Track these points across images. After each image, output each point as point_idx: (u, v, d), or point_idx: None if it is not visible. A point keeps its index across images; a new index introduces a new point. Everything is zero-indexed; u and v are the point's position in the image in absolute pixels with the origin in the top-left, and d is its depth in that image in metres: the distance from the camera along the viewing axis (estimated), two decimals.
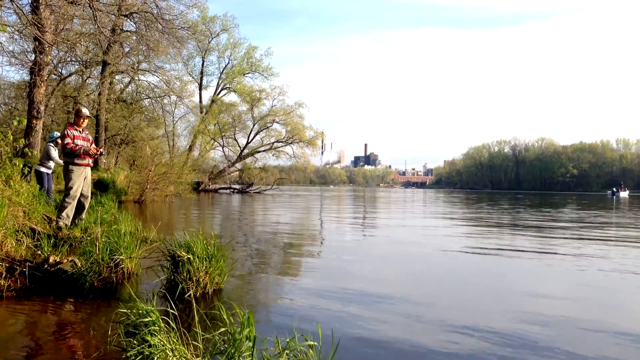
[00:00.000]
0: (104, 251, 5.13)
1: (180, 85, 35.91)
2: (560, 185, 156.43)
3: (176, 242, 5.10)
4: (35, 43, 14.73)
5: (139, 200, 22.25)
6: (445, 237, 11.53)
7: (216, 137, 48.71)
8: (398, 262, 7.70)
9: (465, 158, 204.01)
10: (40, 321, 4.12)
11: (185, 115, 44.98)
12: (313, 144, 51.12)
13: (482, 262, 7.75)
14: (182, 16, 23.72)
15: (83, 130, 8.52)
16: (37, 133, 14.14)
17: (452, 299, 5.24)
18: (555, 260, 7.92)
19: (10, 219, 5.93)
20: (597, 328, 4.28)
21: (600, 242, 10.76)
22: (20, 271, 4.86)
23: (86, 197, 8.48)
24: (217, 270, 5.04)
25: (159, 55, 27.23)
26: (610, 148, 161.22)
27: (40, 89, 14.62)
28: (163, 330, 3.15)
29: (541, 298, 5.36)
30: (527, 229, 13.48)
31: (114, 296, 4.82)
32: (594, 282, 6.24)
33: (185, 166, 33.57)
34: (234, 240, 9.53)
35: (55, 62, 26.31)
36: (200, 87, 48.38)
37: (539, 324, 4.31)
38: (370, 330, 4.02)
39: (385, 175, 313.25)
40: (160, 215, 15.76)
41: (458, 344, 3.77)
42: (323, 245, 9.69)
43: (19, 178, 8.85)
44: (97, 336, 3.71)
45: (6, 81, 31.96)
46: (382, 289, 5.58)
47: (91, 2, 15.18)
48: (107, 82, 29.60)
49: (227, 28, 47.06)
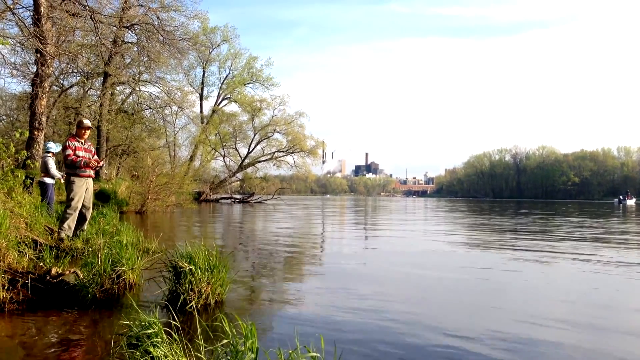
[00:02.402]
0: (106, 262, 5.13)
1: (181, 95, 36.00)
2: (561, 194, 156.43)
3: (178, 252, 5.10)
4: (37, 55, 14.78)
5: (140, 210, 22.25)
6: (449, 245, 11.50)
7: (217, 147, 48.79)
8: (401, 271, 7.68)
9: (466, 166, 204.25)
10: (42, 333, 4.11)
11: (186, 126, 45.14)
12: (314, 154, 51.21)
13: (495, 272, 7.73)
14: (183, 27, 23.90)
15: (85, 142, 8.54)
16: (39, 144, 14.15)
17: (458, 309, 5.23)
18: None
19: (12, 231, 5.93)
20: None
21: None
22: (22, 283, 4.86)
23: (88, 208, 8.49)
24: (219, 281, 5.04)
25: (160, 66, 27.36)
26: (612, 156, 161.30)
27: (42, 101, 14.67)
28: (166, 341, 3.15)
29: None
30: (562, 250, 13.43)
31: (116, 307, 4.81)
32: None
33: (186, 176, 33.61)
34: (235, 250, 9.53)
35: (56, 74, 26.45)
36: (201, 98, 48.50)
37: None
38: (373, 341, 4.01)
39: (386, 184, 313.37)
40: (161, 226, 15.76)
41: (464, 355, 3.75)
42: (325, 256, 9.68)
43: (21, 190, 8.87)
44: (99, 347, 3.71)
45: (8, 93, 32.02)
46: (385, 299, 5.57)
47: (93, 14, 15.27)
48: (108, 93, 29.69)
49: (227, 39, 47.27)
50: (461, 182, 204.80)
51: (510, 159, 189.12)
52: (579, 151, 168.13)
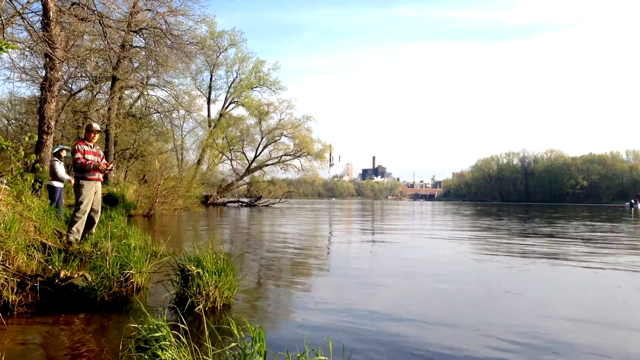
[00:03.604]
0: (114, 266, 5.15)
1: (189, 99, 36.21)
2: (570, 197, 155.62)
3: (185, 256, 5.11)
4: (45, 59, 14.89)
5: (148, 214, 22.34)
6: (459, 252, 11.46)
7: (224, 150, 48.92)
8: (410, 277, 7.65)
9: (474, 170, 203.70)
10: (51, 336, 4.12)
11: (194, 129, 45.39)
12: (321, 157, 51.27)
13: (509, 279, 7.69)
14: (191, 31, 23.93)
15: (94, 145, 8.58)
16: (48, 148, 14.24)
17: (468, 315, 5.19)
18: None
19: (21, 234, 5.96)
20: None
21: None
22: (31, 286, 4.88)
23: (96, 211, 8.51)
24: (227, 284, 5.04)
25: (168, 70, 27.52)
26: (620, 159, 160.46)
27: (51, 105, 14.76)
28: (174, 345, 3.16)
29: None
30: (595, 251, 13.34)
31: (125, 310, 4.82)
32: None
33: (193, 180, 33.72)
34: (243, 254, 9.53)
35: (65, 78, 26.58)
36: (208, 101, 48.72)
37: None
38: (381, 344, 4.00)
39: (393, 188, 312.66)
40: (169, 229, 15.80)
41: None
42: (332, 259, 9.66)
43: (30, 193, 8.91)
44: (108, 351, 3.71)
45: (17, 97, 32.33)
46: (393, 302, 5.56)
47: (101, 18, 15.38)
48: (116, 97, 29.85)
49: (235, 43, 47.49)
50: (469, 185, 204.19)
51: (518, 162, 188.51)
52: (587, 154, 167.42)
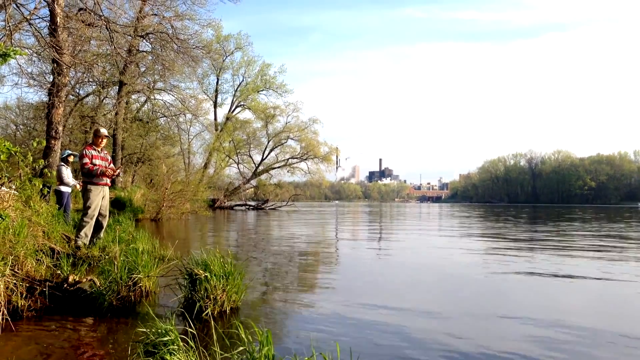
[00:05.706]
0: (122, 270, 5.16)
1: (195, 103, 36.21)
2: (578, 198, 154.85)
3: (193, 260, 5.12)
4: (53, 65, 14.98)
5: (155, 218, 22.39)
6: (469, 256, 11.42)
7: (231, 154, 49.02)
8: (419, 280, 7.63)
9: (481, 172, 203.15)
10: (60, 340, 4.13)
11: (201, 133, 45.43)
12: (327, 160, 51.30)
13: (517, 285, 7.66)
14: (197, 35, 23.99)
15: (102, 150, 8.62)
16: (56, 153, 14.29)
17: (478, 322, 5.18)
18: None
19: (30, 239, 5.99)
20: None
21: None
22: (40, 291, 4.91)
23: (104, 216, 8.55)
24: (234, 288, 5.05)
25: (174, 74, 27.60)
26: (628, 160, 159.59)
27: (59, 110, 14.83)
28: (182, 349, 3.16)
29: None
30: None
31: (133, 315, 4.84)
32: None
33: (200, 184, 33.75)
34: (250, 257, 9.54)
35: (73, 83, 26.73)
36: (215, 105, 48.84)
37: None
38: (389, 348, 3.99)
39: (400, 190, 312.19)
40: (176, 233, 15.84)
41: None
42: (340, 263, 9.66)
43: (39, 198, 8.96)
44: (116, 355, 3.72)
45: (25, 102, 32.52)
46: (402, 307, 5.53)
47: (108, 23, 15.45)
48: (123, 102, 29.96)
49: (241, 46, 47.60)
50: (476, 187, 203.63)
51: (525, 163, 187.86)
52: (595, 155, 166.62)
